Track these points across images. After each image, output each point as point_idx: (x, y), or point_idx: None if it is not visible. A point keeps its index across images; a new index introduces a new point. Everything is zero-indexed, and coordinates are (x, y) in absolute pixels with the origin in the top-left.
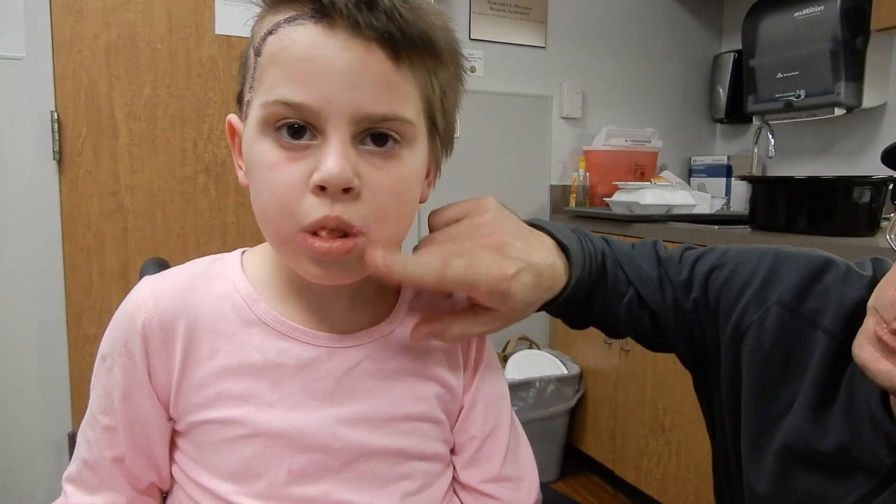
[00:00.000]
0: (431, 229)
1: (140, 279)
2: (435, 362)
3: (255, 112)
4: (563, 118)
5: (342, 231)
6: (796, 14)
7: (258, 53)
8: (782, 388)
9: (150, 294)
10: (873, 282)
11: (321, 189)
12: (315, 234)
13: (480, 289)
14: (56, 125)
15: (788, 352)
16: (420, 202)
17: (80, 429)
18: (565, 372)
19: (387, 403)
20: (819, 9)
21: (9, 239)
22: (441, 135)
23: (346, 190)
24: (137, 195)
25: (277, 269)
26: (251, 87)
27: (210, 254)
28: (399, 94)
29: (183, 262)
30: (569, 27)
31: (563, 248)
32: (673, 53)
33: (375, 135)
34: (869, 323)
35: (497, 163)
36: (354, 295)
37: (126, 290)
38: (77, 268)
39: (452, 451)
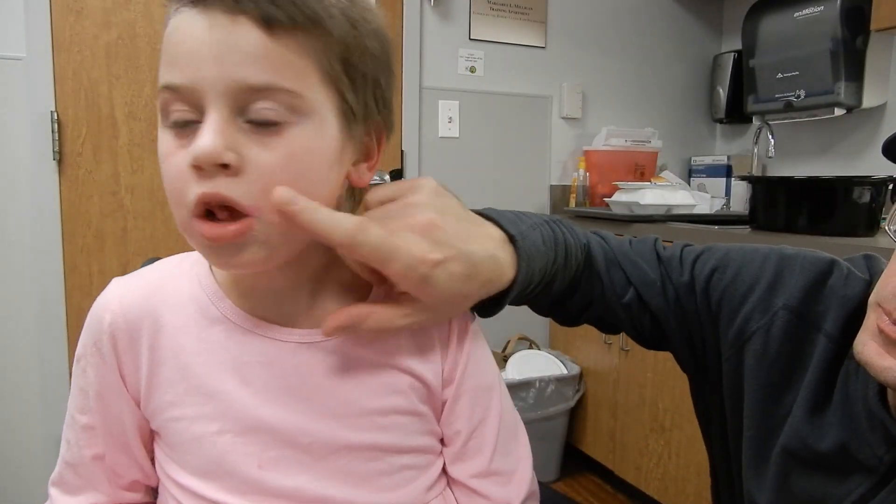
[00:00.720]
0: (364, 210)
1: None
2: (407, 355)
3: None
4: (563, 118)
5: (231, 212)
6: (796, 14)
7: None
8: (785, 393)
9: (115, 296)
10: (870, 283)
11: (199, 169)
12: (207, 218)
13: (394, 266)
14: (56, 125)
15: (793, 357)
16: (357, 186)
17: (63, 431)
18: (565, 372)
19: (357, 398)
20: (819, 9)
21: (9, 239)
22: (357, 110)
23: (225, 167)
24: (137, 195)
25: None
26: None
27: None
28: (276, 62)
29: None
30: (569, 27)
31: (511, 239)
32: (673, 53)
33: (260, 113)
34: (871, 319)
35: (497, 163)
36: (314, 289)
37: None
38: (77, 268)
39: (442, 443)
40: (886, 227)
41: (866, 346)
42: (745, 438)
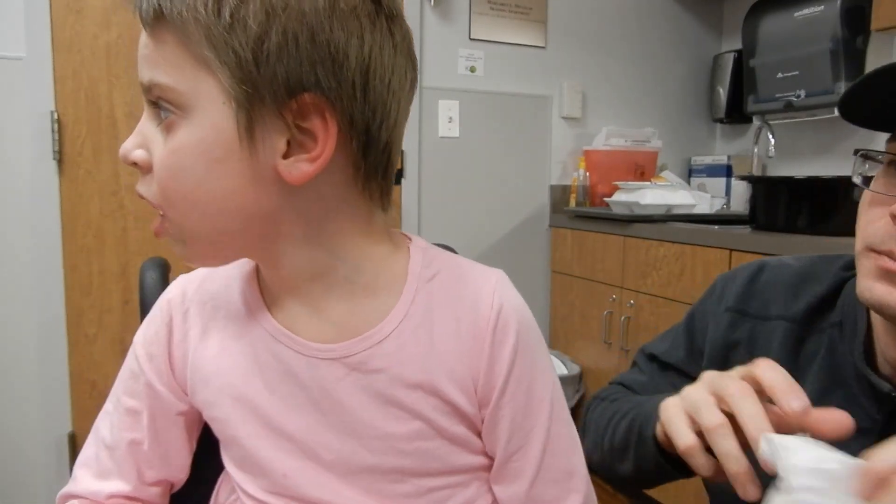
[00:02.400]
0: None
1: (140, 279)
2: (435, 374)
3: None
4: (563, 118)
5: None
6: (796, 14)
7: None
8: None
9: (178, 292)
10: (802, 267)
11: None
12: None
13: None
14: (56, 125)
15: (752, 351)
16: (291, 182)
17: (102, 412)
18: (565, 372)
19: (377, 422)
20: (819, 8)
21: (9, 239)
22: (252, 97)
23: (135, 165)
24: (137, 195)
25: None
26: None
27: None
28: (155, 60)
29: (183, 262)
30: (569, 27)
31: None
32: (673, 53)
33: (157, 107)
34: (866, 265)
35: (497, 163)
36: (339, 297)
37: (126, 290)
38: (77, 268)
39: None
40: (853, 180)
41: (874, 288)
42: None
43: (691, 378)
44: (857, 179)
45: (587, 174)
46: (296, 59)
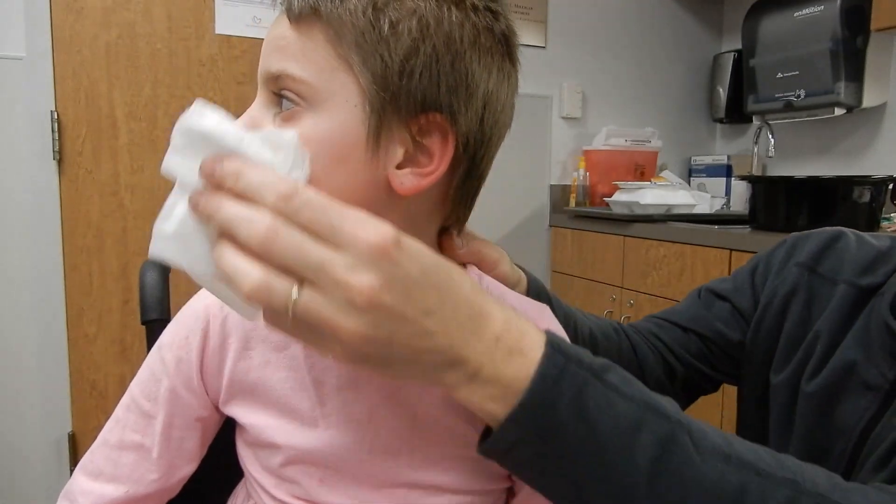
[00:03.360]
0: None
1: (140, 279)
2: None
3: None
4: (563, 118)
5: None
6: (796, 14)
7: None
8: (802, 337)
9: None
10: (883, 246)
11: None
12: None
13: None
14: (56, 125)
15: (810, 305)
16: (399, 193)
17: (113, 415)
18: None
19: (420, 443)
20: (819, 8)
21: (9, 239)
22: (387, 107)
23: None
24: (137, 195)
25: None
26: None
27: None
28: (292, 52)
29: None
30: (569, 27)
31: None
32: (673, 53)
33: (280, 95)
34: None
35: (497, 162)
36: None
37: (126, 290)
38: (77, 268)
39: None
40: None
41: None
42: (772, 389)
43: (739, 311)
44: None
45: (587, 174)
46: (435, 79)
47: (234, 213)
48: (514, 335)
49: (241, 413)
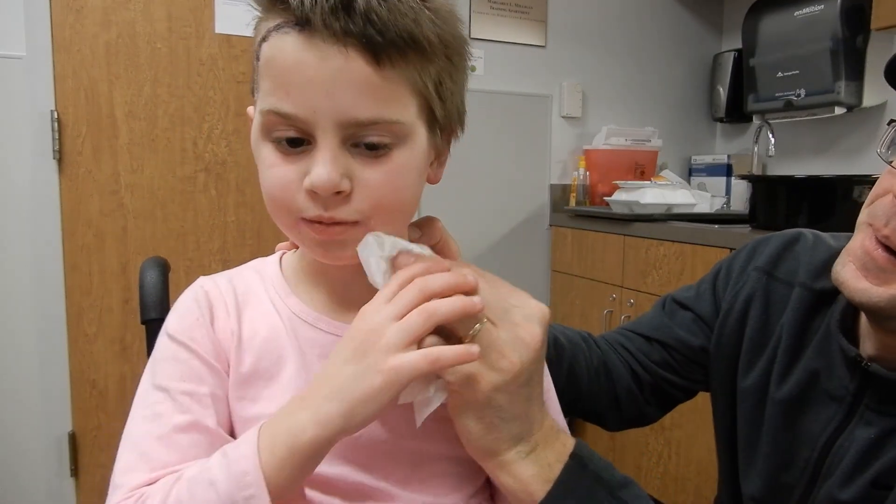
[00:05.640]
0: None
1: (140, 278)
2: None
3: (257, 115)
4: (563, 117)
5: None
6: (796, 13)
7: (257, 58)
8: (765, 342)
9: (212, 285)
10: (839, 246)
11: (314, 193)
12: (312, 221)
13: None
14: (56, 124)
15: (768, 310)
16: (430, 183)
17: (133, 415)
18: None
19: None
20: (819, 8)
21: (9, 239)
22: (442, 121)
23: (337, 193)
24: (137, 194)
25: (306, 262)
26: (255, 88)
27: (209, 252)
28: (383, 97)
29: (183, 262)
30: (569, 26)
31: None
32: (673, 53)
33: (366, 140)
34: (857, 240)
35: (497, 162)
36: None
37: (126, 289)
38: (77, 267)
39: None
40: (878, 151)
41: (845, 267)
42: (739, 394)
43: (701, 318)
44: (880, 151)
45: (587, 173)
46: (463, 94)
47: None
48: (554, 429)
49: (243, 403)
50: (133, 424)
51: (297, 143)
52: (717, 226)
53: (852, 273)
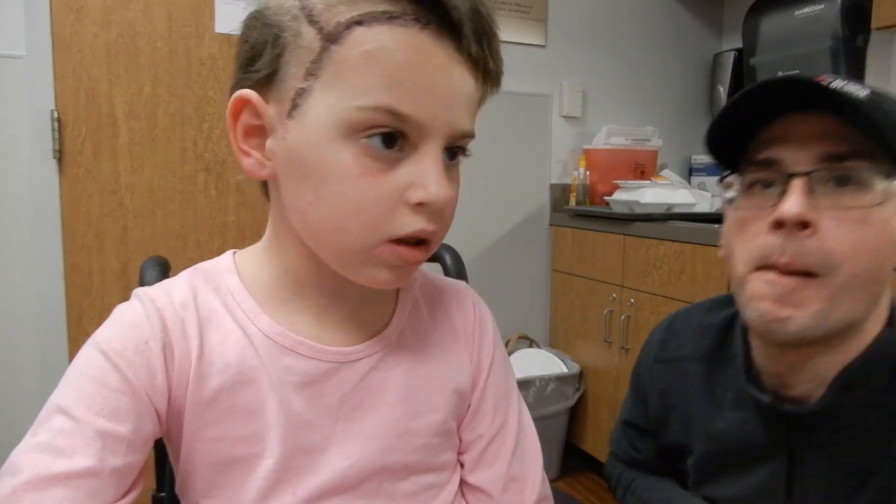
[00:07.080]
0: None
1: (140, 278)
2: (447, 364)
3: (330, 112)
4: (564, 117)
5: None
6: (797, 12)
7: (333, 40)
8: (690, 423)
9: (166, 301)
10: (707, 310)
11: (419, 205)
12: (399, 242)
13: None
14: (56, 124)
15: (673, 393)
16: None
17: (30, 436)
18: (565, 370)
19: (396, 418)
20: (819, 7)
21: (9, 239)
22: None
23: (420, 204)
24: (137, 194)
25: (277, 275)
26: (311, 75)
27: (209, 252)
28: (474, 112)
29: (183, 262)
30: (569, 26)
31: None
32: (673, 52)
33: (451, 149)
34: (751, 288)
35: (497, 162)
36: (363, 292)
37: (126, 289)
38: (77, 267)
39: (459, 451)
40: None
41: (760, 304)
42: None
43: (656, 438)
44: (723, 203)
45: (587, 173)
46: None
47: None
48: None
49: (204, 428)
50: (25, 447)
51: (392, 141)
52: (717, 225)
53: (770, 307)
